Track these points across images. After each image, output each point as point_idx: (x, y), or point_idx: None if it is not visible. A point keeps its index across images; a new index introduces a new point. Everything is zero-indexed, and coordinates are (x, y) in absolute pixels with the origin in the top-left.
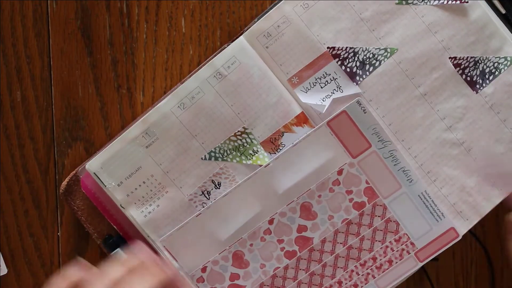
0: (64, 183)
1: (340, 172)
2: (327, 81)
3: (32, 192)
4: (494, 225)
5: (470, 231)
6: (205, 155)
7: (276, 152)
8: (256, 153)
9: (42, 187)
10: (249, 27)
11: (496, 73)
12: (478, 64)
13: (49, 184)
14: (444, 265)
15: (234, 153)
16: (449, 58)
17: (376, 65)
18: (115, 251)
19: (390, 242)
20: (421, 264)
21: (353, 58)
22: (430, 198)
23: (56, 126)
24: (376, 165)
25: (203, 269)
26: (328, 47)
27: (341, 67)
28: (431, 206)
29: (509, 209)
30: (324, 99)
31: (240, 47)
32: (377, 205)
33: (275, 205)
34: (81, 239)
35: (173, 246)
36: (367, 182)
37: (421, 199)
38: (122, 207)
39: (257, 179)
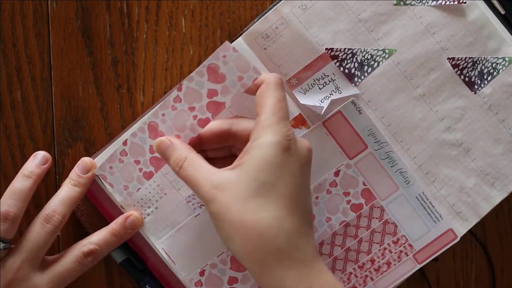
0: None
1: (337, 174)
2: (325, 82)
3: None
4: (494, 225)
5: (470, 231)
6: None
7: None
8: None
9: (42, 187)
10: (248, 29)
11: (494, 73)
12: (476, 64)
13: (49, 184)
14: (444, 265)
15: None
16: (448, 58)
17: (375, 66)
18: (114, 250)
19: (388, 244)
20: (419, 266)
21: (351, 59)
22: (428, 200)
23: (56, 126)
24: (373, 167)
25: (201, 273)
26: (326, 48)
27: (340, 68)
28: (429, 208)
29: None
30: (322, 100)
31: (238, 49)
32: (375, 207)
33: None
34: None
35: (172, 249)
36: (364, 184)
37: (419, 201)
38: (123, 208)
39: None
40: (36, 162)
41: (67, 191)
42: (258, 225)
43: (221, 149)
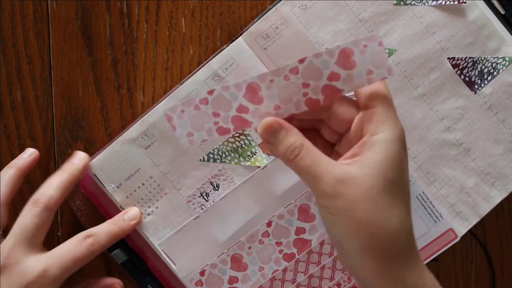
0: None
1: None
2: None
3: (32, 192)
4: (494, 225)
5: (470, 231)
6: (203, 157)
7: None
8: (254, 154)
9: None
10: (248, 28)
11: (495, 73)
12: (476, 64)
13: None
14: (444, 265)
15: (232, 154)
16: (448, 58)
17: None
18: (115, 251)
19: None
20: None
21: None
22: (428, 199)
23: (56, 126)
24: None
25: (202, 273)
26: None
27: None
28: (429, 207)
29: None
30: None
31: (238, 49)
32: None
33: (273, 207)
34: None
35: (171, 249)
36: None
37: (419, 200)
38: (122, 208)
39: (255, 181)
40: (22, 156)
41: (56, 176)
42: (386, 225)
43: (305, 121)
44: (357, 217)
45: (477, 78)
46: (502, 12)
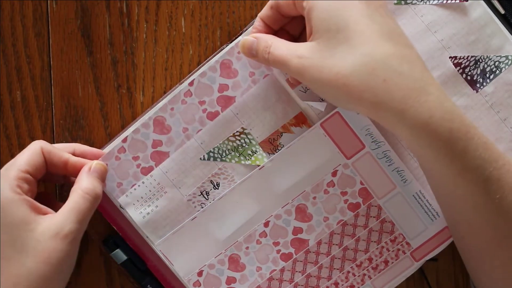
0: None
1: (334, 174)
2: None
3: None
4: None
5: None
6: (204, 155)
7: (275, 153)
8: (255, 153)
9: (41, 187)
10: (248, 29)
11: (497, 72)
12: (478, 63)
13: (48, 184)
14: (444, 265)
15: (233, 153)
16: (449, 57)
17: None
18: (115, 251)
19: (385, 242)
20: (417, 264)
21: None
22: (425, 198)
23: (56, 126)
24: (370, 166)
25: (199, 273)
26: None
27: None
28: (426, 206)
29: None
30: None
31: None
32: (372, 205)
33: (271, 207)
34: (81, 239)
35: (169, 250)
36: (361, 183)
37: (416, 199)
38: (121, 207)
39: (252, 181)
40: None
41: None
42: (353, 71)
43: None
44: (326, 80)
45: (479, 77)
46: (502, 12)
